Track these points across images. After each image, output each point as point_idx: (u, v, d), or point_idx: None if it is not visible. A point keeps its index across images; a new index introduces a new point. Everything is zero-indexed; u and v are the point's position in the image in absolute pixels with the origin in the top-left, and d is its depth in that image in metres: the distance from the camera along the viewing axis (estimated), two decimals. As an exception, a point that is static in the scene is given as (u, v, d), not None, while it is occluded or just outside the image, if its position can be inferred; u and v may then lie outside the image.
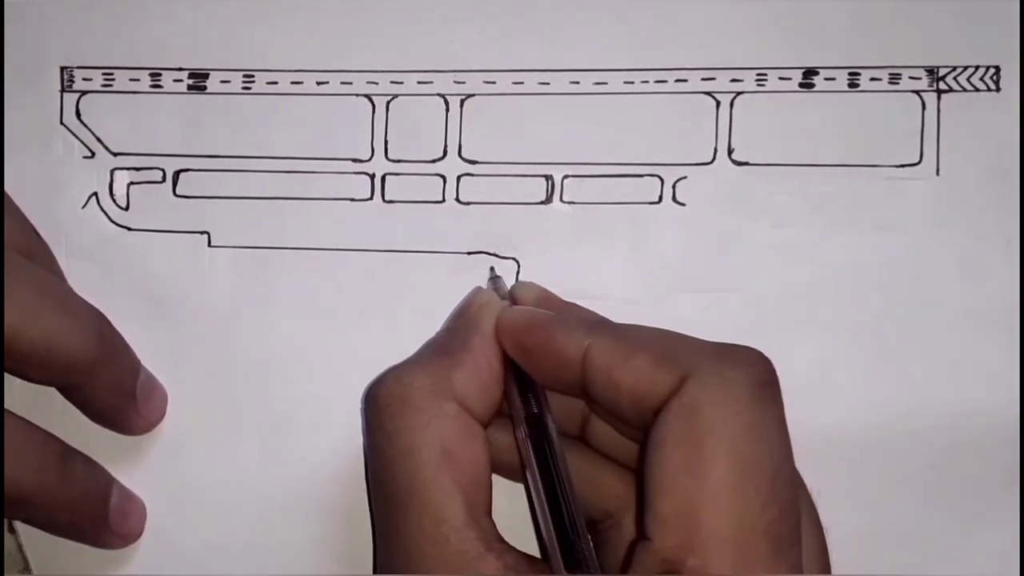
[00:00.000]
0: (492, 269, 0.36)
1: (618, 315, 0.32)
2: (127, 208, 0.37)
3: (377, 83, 0.37)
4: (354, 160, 0.37)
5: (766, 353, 0.35)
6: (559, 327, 0.30)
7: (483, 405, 0.31)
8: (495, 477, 0.30)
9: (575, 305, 0.33)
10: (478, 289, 0.34)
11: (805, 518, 0.28)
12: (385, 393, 0.30)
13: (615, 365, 0.29)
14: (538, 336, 0.30)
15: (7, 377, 0.32)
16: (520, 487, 0.34)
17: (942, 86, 0.36)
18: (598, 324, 0.31)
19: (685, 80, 0.36)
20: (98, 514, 0.34)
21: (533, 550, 0.32)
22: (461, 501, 0.28)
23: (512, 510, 0.32)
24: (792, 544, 0.27)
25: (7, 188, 0.35)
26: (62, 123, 0.37)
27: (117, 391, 0.34)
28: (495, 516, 0.30)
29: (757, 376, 0.28)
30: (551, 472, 0.30)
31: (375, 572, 0.34)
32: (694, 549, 0.26)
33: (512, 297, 0.33)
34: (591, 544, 0.29)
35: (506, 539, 0.29)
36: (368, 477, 0.34)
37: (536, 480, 0.30)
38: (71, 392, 0.34)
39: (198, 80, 0.37)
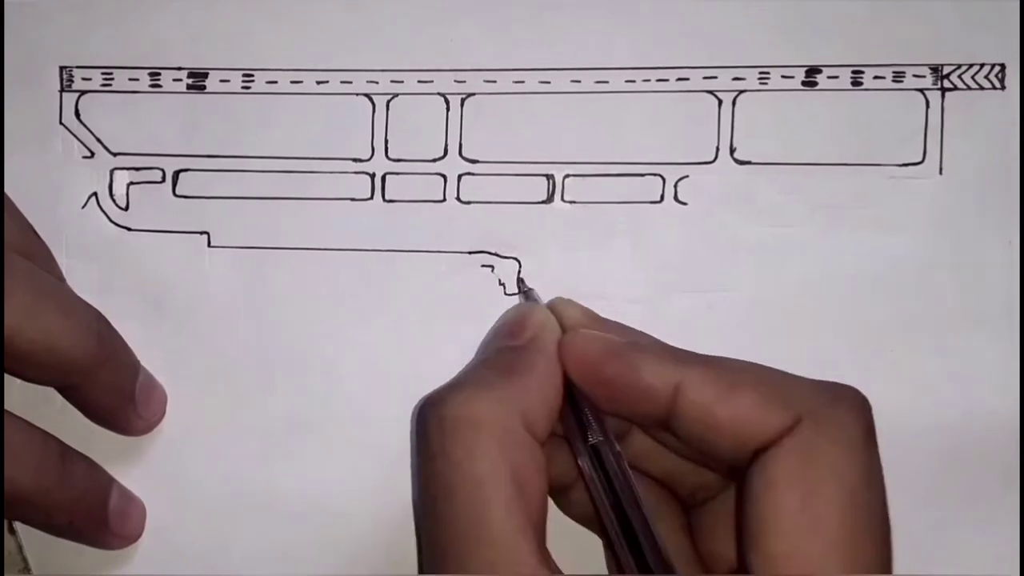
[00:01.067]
0: (521, 281, 0.36)
1: (619, 315, 0.32)
2: (127, 208, 0.37)
3: (377, 82, 0.36)
4: (354, 160, 0.36)
5: (766, 353, 0.35)
6: (644, 358, 0.29)
7: (544, 429, 0.29)
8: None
9: (641, 332, 0.32)
10: (532, 306, 0.33)
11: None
12: (451, 415, 0.28)
13: (716, 402, 0.28)
14: (620, 367, 0.29)
15: (6, 377, 0.32)
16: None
17: (946, 84, 0.36)
18: (686, 357, 0.29)
19: (687, 79, 0.36)
20: (98, 515, 0.34)
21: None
22: (532, 536, 0.27)
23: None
24: None
25: (6, 188, 0.35)
26: (61, 123, 0.37)
27: (116, 391, 0.34)
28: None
29: (867, 419, 0.28)
30: (628, 503, 0.29)
31: None
32: None
33: (557, 316, 0.32)
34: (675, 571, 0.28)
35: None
36: (420, 502, 0.32)
37: (610, 513, 0.29)
38: (70, 392, 0.34)
39: (197, 80, 0.37)
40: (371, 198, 0.37)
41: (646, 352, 0.29)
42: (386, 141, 0.37)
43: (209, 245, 0.36)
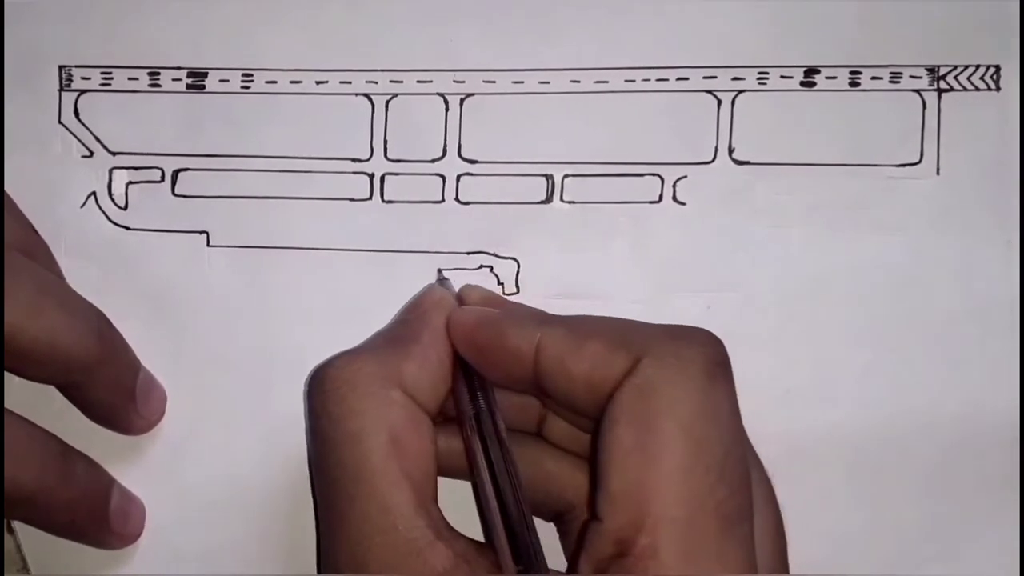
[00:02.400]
0: (439, 271, 0.36)
1: (619, 315, 0.32)
2: (126, 208, 0.37)
3: (376, 82, 0.36)
4: (353, 160, 0.36)
5: (765, 353, 0.35)
6: (510, 323, 0.30)
7: (430, 398, 0.31)
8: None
9: (522, 304, 0.34)
10: (431, 286, 0.35)
11: (759, 496, 0.29)
12: (332, 376, 0.30)
13: (568, 354, 0.29)
14: (490, 333, 0.31)
15: (6, 376, 0.32)
16: (463, 482, 0.34)
17: (943, 85, 0.36)
18: (548, 318, 0.31)
19: (686, 78, 0.36)
20: (98, 514, 0.34)
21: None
22: (409, 489, 0.28)
23: (457, 504, 0.32)
24: (742, 521, 0.27)
25: (6, 188, 0.35)
26: (60, 122, 0.37)
27: (116, 390, 0.34)
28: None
29: (710, 356, 0.28)
30: (500, 467, 0.30)
31: (319, 559, 0.34)
32: (644, 528, 0.26)
33: (460, 298, 0.34)
34: (538, 538, 0.29)
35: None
36: (311, 463, 0.34)
37: (483, 476, 0.30)
38: (71, 391, 0.34)
39: (197, 79, 0.37)
40: (370, 198, 0.37)
41: (512, 318, 0.31)
42: (385, 141, 0.37)
43: (208, 244, 0.36)
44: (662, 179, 0.36)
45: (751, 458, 0.30)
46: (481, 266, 0.36)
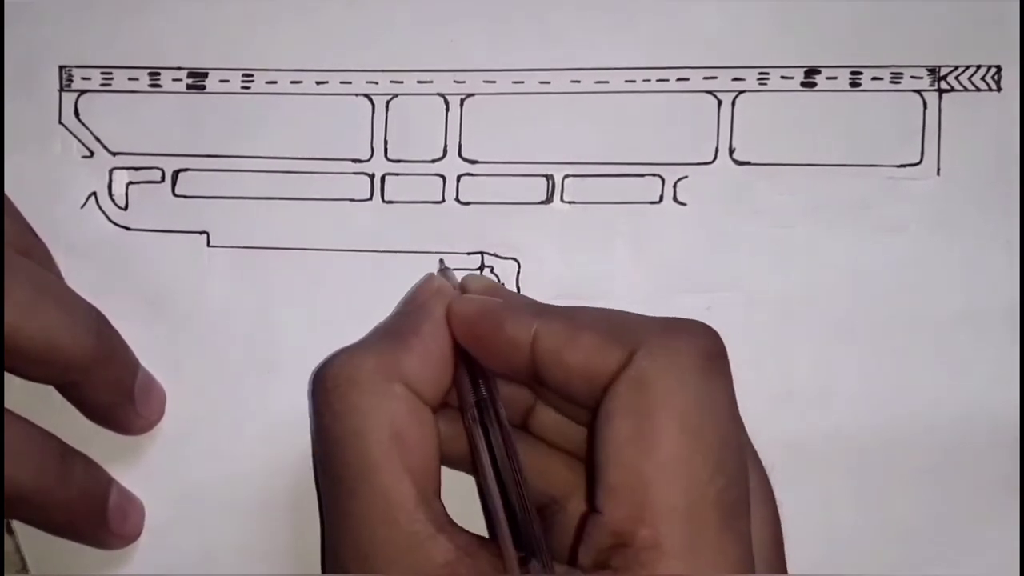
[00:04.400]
0: (441, 261, 0.36)
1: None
2: (126, 208, 0.37)
3: (377, 83, 0.36)
4: (353, 160, 0.36)
5: (765, 353, 0.35)
6: (508, 313, 0.30)
7: (432, 390, 0.31)
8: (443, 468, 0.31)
9: (522, 295, 0.34)
10: (429, 276, 0.34)
11: (756, 488, 0.29)
12: (333, 374, 0.30)
13: (564, 345, 0.29)
14: (488, 323, 0.31)
15: (5, 376, 0.32)
16: (463, 475, 0.34)
17: (943, 85, 0.36)
18: (546, 309, 0.31)
19: (687, 79, 0.36)
20: (97, 514, 0.34)
21: (482, 533, 0.33)
22: (411, 483, 0.28)
23: (459, 496, 0.32)
24: (741, 514, 0.27)
25: (5, 188, 0.35)
26: (60, 122, 0.37)
27: (116, 389, 0.34)
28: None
29: (705, 347, 0.28)
30: (502, 455, 0.30)
31: (323, 555, 0.34)
32: (644, 520, 0.26)
33: (462, 288, 0.33)
34: (541, 527, 0.29)
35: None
36: (315, 460, 0.34)
37: (486, 464, 0.30)
38: (70, 390, 0.34)
39: (197, 79, 0.37)
40: (370, 199, 0.37)
41: (510, 308, 0.31)
42: (385, 142, 0.37)
43: (208, 245, 0.36)
44: (663, 179, 0.36)
45: (749, 453, 0.30)
46: (481, 266, 0.36)
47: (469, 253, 0.36)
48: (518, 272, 0.36)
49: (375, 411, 0.29)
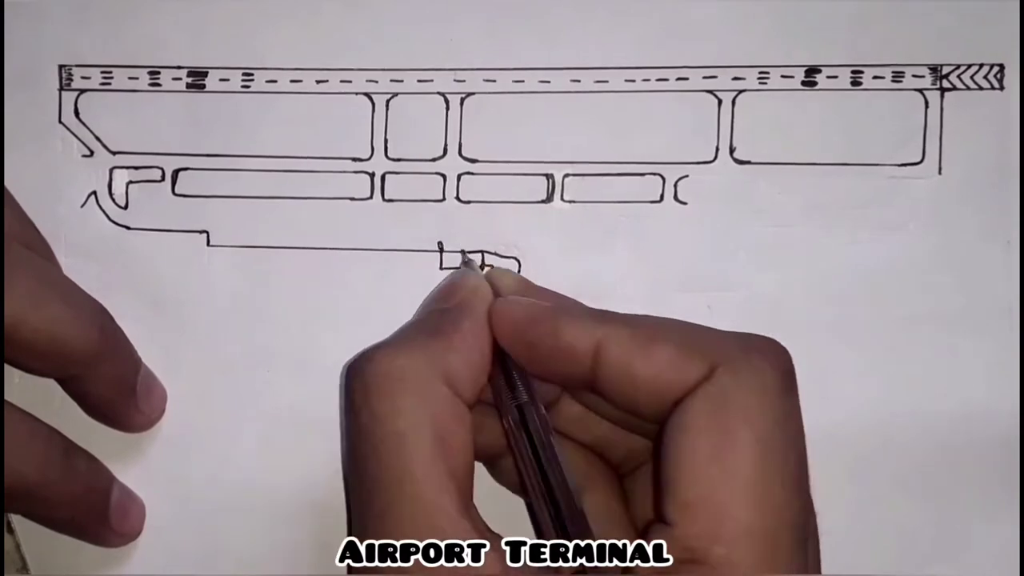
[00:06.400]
0: (464, 253, 0.36)
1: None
2: (126, 207, 0.37)
3: (377, 81, 0.36)
4: (354, 159, 0.36)
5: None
6: (566, 320, 0.30)
7: (470, 389, 0.30)
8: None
9: (573, 299, 0.33)
10: (465, 271, 0.34)
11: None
12: (375, 371, 0.29)
13: (635, 357, 0.28)
14: (543, 329, 0.30)
15: (8, 372, 0.32)
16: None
17: (945, 84, 0.36)
18: (608, 316, 0.30)
19: (687, 78, 0.36)
20: (99, 510, 0.34)
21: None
22: (455, 490, 0.28)
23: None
24: (811, 536, 0.27)
25: (6, 187, 0.35)
26: (60, 122, 0.37)
27: (117, 384, 0.34)
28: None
29: (784, 367, 0.28)
30: (548, 459, 0.30)
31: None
32: (720, 538, 0.26)
33: (492, 284, 0.33)
34: (591, 531, 0.29)
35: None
36: (347, 458, 0.34)
37: (529, 468, 0.30)
38: (72, 384, 0.34)
39: (197, 78, 0.37)
40: (371, 197, 0.37)
41: (567, 314, 0.30)
42: (386, 140, 0.36)
43: (208, 244, 0.36)
44: (663, 179, 0.36)
45: None
46: (482, 265, 0.36)
47: (469, 252, 0.36)
48: (519, 271, 0.36)
49: (420, 413, 0.28)
